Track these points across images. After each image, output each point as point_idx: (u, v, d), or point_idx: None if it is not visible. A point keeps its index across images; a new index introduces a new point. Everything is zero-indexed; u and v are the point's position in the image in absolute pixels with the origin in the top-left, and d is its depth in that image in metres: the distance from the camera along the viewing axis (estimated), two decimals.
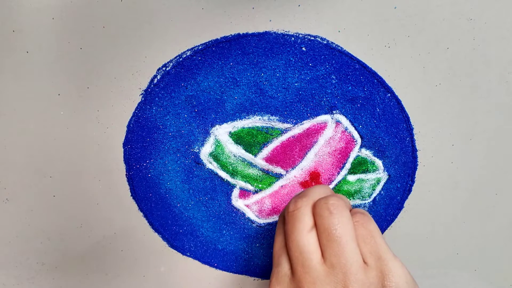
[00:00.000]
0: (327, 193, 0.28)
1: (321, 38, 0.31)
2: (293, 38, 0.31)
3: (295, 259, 0.25)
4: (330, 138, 0.34)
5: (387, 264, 0.25)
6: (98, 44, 0.30)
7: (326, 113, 0.33)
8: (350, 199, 0.36)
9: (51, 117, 0.32)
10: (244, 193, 0.35)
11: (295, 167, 0.34)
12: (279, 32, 0.31)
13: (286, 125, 0.33)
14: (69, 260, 0.36)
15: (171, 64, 0.31)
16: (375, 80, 0.32)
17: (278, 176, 0.35)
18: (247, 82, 0.32)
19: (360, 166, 0.35)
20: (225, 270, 0.37)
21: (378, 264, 0.25)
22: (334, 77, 0.32)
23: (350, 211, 0.27)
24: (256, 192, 0.35)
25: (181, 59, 0.31)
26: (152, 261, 0.37)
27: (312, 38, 0.31)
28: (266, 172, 0.34)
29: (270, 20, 0.31)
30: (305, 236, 0.25)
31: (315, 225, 0.25)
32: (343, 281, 0.23)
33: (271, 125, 0.33)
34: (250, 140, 0.33)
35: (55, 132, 0.32)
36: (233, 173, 0.34)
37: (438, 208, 0.37)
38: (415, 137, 0.34)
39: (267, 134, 0.33)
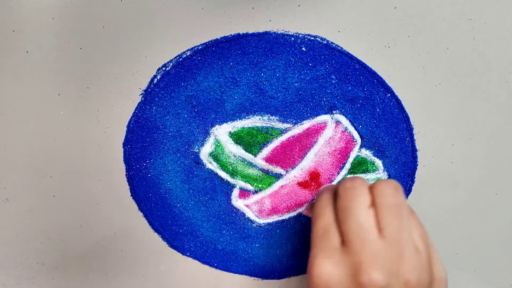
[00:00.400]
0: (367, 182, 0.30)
1: (321, 38, 0.31)
2: (293, 38, 0.31)
3: (353, 232, 0.25)
4: (330, 138, 0.34)
5: (433, 254, 0.26)
6: (98, 44, 0.30)
7: (326, 113, 0.33)
8: None
9: (51, 117, 0.32)
10: (244, 193, 0.35)
11: (295, 167, 0.34)
12: (279, 32, 0.31)
13: (286, 125, 0.33)
14: (69, 260, 0.36)
15: (171, 64, 0.31)
16: (375, 80, 0.32)
17: (278, 176, 0.35)
18: (247, 82, 0.32)
19: (360, 166, 0.35)
20: (225, 270, 0.37)
21: (427, 250, 0.26)
22: (334, 77, 0.32)
23: None
24: (256, 192, 0.35)
25: (181, 59, 0.31)
26: (152, 261, 0.37)
27: (312, 38, 0.31)
28: (266, 172, 0.34)
29: (270, 20, 0.31)
30: (365, 212, 0.26)
31: (374, 204, 0.26)
32: (399, 260, 0.24)
33: (271, 125, 0.33)
34: (250, 140, 0.33)
35: (55, 132, 0.32)
36: (233, 173, 0.34)
37: (438, 208, 0.37)
38: (415, 137, 0.34)
39: (267, 134, 0.33)
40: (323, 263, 0.25)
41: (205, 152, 0.33)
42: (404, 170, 0.35)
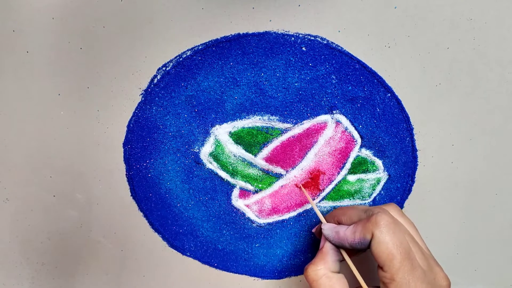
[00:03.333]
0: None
1: (321, 38, 0.31)
2: (293, 38, 0.31)
3: None
4: (330, 138, 0.34)
5: (434, 266, 0.29)
6: (98, 44, 0.30)
7: (326, 113, 0.33)
8: (350, 199, 0.36)
9: (51, 117, 0.32)
10: (244, 193, 0.35)
11: (295, 167, 0.34)
12: (279, 32, 0.31)
13: (286, 125, 0.33)
14: (69, 260, 0.36)
15: (171, 64, 0.31)
16: (375, 80, 0.32)
17: (278, 176, 0.35)
18: (247, 82, 0.32)
19: (360, 166, 0.35)
20: (225, 270, 0.37)
21: (429, 265, 0.29)
22: (334, 77, 0.32)
23: None
24: (256, 192, 0.35)
25: (181, 59, 0.31)
26: (152, 261, 0.37)
27: (312, 38, 0.31)
28: (266, 172, 0.34)
29: (270, 20, 0.31)
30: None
31: None
32: None
33: (271, 125, 0.33)
34: (250, 140, 0.33)
35: (55, 132, 0.32)
36: (233, 173, 0.34)
37: (438, 208, 0.37)
38: (415, 137, 0.34)
39: (267, 134, 0.33)
40: None
41: (205, 152, 0.33)
42: (404, 170, 0.35)
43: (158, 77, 0.31)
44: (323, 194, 0.35)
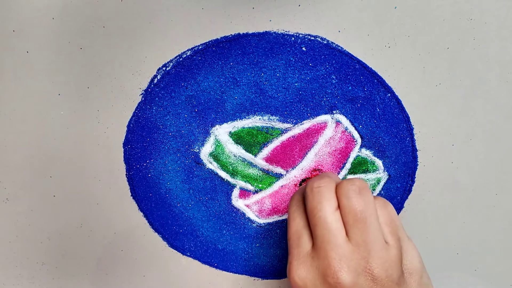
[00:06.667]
0: (339, 178, 0.30)
1: (321, 38, 0.31)
2: (293, 38, 0.31)
3: (321, 236, 0.25)
4: (330, 138, 0.34)
5: (404, 245, 0.27)
6: (98, 44, 0.30)
7: (326, 113, 0.33)
8: None
9: (51, 117, 0.32)
10: (244, 193, 0.35)
11: (295, 167, 0.34)
12: (279, 32, 0.31)
13: (286, 125, 0.33)
14: (69, 260, 0.36)
15: (171, 64, 0.31)
16: (375, 80, 0.32)
17: (278, 176, 0.35)
18: (247, 82, 0.32)
19: (360, 166, 0.35)
20: (225, 270, 0.37)
21: (398, 244, 0.26)
22: (334, 77, 0.32)
23: None
24: (256, 192, 0.35)
25: (181, 59, 0.31)
26: (152, 261, 0.37)
27: (312, 38, 0.31)
28: (266, 172, 0.34)
29: (270, 20, 0.31)
30: (332, 214, 0.26)
31: (339, 205, 0.26)
32: (366, 258, 0.25)
33: (271, 125, 0.33)
34: (250, 140, 0.33)
35: (55, 132, 0.32)
36: (233, 173, 0.34)
37: (438, 208, 0.37)
38: (415, 137, 0.34)
39: (267, 134, 0.33)
40: (298, 269, 0.26)
41: (205, 152, 0.33)
42: (404, 170, 0.35)
43: (158, 77, 0.31)
44: None
